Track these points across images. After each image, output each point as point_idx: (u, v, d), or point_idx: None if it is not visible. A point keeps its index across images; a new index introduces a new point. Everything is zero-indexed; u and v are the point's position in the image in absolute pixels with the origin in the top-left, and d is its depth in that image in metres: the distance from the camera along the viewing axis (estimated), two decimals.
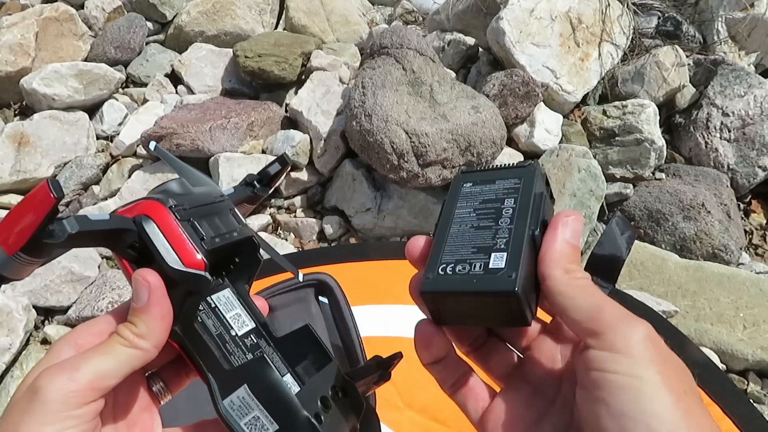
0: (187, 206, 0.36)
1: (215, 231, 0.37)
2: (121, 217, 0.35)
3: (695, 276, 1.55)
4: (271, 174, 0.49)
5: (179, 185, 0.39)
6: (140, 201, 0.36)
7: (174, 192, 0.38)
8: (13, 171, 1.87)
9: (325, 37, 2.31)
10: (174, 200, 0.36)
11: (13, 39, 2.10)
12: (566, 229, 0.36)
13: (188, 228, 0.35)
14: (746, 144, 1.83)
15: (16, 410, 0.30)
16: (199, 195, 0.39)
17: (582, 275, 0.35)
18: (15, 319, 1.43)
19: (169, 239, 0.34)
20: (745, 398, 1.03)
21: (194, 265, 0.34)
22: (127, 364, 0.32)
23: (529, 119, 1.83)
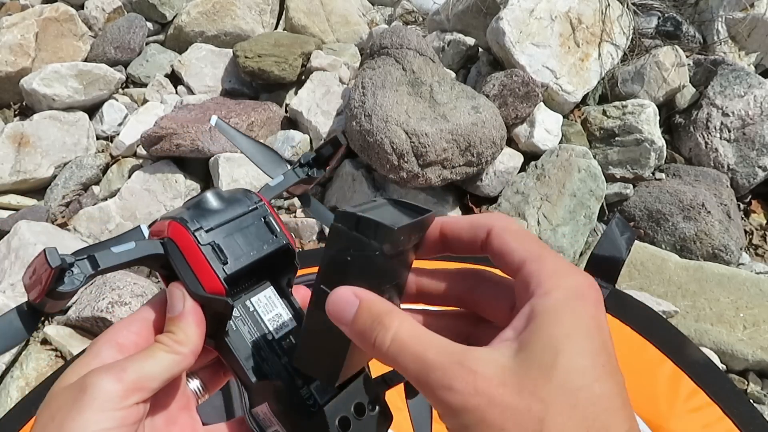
0: (214, 225, 0.36)
1: (241, 250, 0.36)
2: (149, 244, 0.36)
3: (695, 276, 1.55)
4: (325, 156, 0.47)
5: (213, 197, 0.38)
6: (169, 221, 0.36)
7: (204, 208, 0.37)
8: (13, 171, 1.87)
9: (325, 38, 2.31)
10: (200, 221, 0.36)
11: (13, 39, 2.10)
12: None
13: (210, 253, 0.35)
14: (746, 144, 1.83)
15: (60, 406, 0.31)
16: (229, 208, 0.37)
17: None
18: None
19: (191, 265, 0.35)
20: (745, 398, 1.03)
21: (215, 291, 0.35)
22: (169, 369, 0.33)
23: (529, 119, 1.83)
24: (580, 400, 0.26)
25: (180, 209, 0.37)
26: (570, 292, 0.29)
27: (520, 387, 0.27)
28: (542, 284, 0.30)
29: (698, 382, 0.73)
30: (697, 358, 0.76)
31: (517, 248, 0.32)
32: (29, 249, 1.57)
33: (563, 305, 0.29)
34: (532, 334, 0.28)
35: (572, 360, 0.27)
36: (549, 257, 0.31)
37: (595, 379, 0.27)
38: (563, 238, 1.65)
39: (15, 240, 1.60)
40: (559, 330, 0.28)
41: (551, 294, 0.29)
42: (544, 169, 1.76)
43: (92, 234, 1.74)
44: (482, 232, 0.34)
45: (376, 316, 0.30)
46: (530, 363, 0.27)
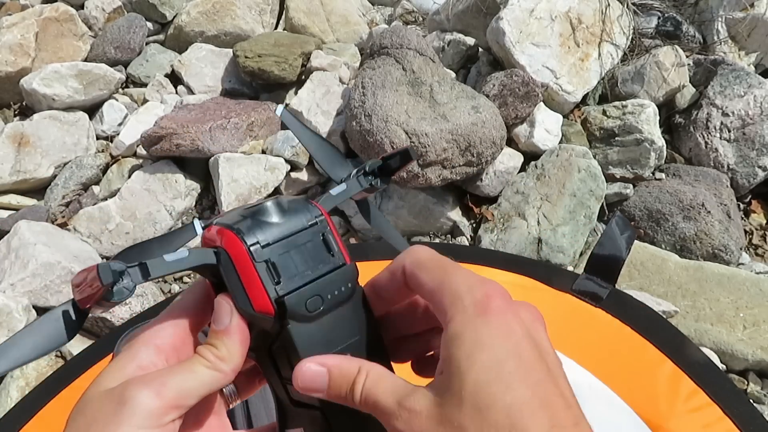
0: (271, 240, 0.34)
1: (296, 269, 0.35)
2: (202, 253, 0.35)
3: (695, 276, 1.55)
4: (393, 167, 0.45)
5: (273, 208, 0.36)
6: (225, 229, 0.35)
7: (262, 219, 0.35)
8: (13, 171, 1.87)
9: (325, 38, 2.31)
10: (257, 234, 0.34)
11: (13, 39, 2.10)
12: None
13: (264, 271, 0.34)
14: (746, 144, 1.83)
15: (97, 416, 0.31)
16: (288, 221, 0.36)
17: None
18: (15, 319, 1.43)
19: (242, 280, 0.34)
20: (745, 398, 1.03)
21: (264, 310, 0.34)
22: (207, 385, 0.33)
23: (529, 119, 1.83)
24: (491, 415, 0.27)
25: (236, 216, 0.36)
26: (470, 312, 0.30)
27: (441, 417, 0.28)
28: (446, 312, 0.31)
29: (698, 382, 0.73)
30: (697, 358, 0.76)
31: (426, 280, 0.33)
32: (29, 249, 1.57)
33: (464, 327, 0.29)
34: (445, 364, 0.29)
35: (477, 378, 0.28)
36: (448, 281, 0.32)
37: (504, 390, 0.27)
38: (563, 238, 1.65)
39: (15, 240, 1.60)
40: (461, 353, 0.29)
41: (454, 320, 0.30)
42: (544, 169, 1.76)
43: (92, 234, 1.74)
44: (399, 275, 0.35)
45: (349, 378, 0.32)
46: (445, 392, 0.29)
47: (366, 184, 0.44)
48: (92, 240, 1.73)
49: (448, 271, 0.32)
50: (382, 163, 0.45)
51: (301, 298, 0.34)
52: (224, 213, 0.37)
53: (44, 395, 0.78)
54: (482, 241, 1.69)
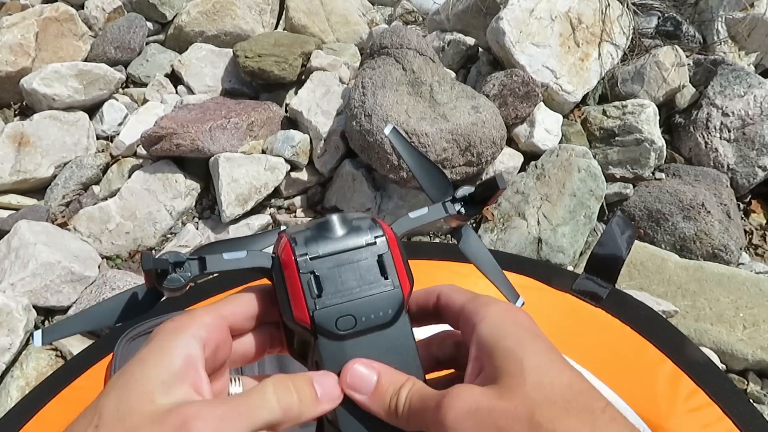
0: (322, 254, 0.34)
1: (342, 286, 0.34)
2: (259, 256, 0.36)
3: (695, 276, 1.55)
4: (482, 196, 0.43)
5: (337, 222, 0.36)
6: (284, 236, 0.36)
7: (322, 232, 0.35)
8: (13, 171, 1.87)
9: (325, 37, 2.31)
10: (310, 245, 0.34)
11: (13, 39, 2.10)
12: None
13: (306, 282, 0.34)
14: (746, 144, 1.83)
15: None
16: (348, 237, 0.35)
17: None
18: (15, 319, 1.43)
19: (287, 288, 0.34)
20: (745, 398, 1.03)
21: (301, 321, 0.34)
22: (265, 423, 0.31)
23: (529, 119, 1.83)
24: (556, 390, 0.29)
25: (302, 226, 0.36)
26: (501, 310, 0.34)
27: (500, 391, 0.30)
28: (478, 314, 0.34)
29: (698, 382, 0.73)
30: (697, 358, 0.76)
31: (457, 298, 0.36)
32: (29, 249, 1.57)
33: (503, 320, 0.33)
34: (490, 351, 0.32)
35: (535, 360, 0.31)
36: (480, 296, 0.36)
37: (559, 371, 0.31)
38: (563, 238, 1.65)
39: (15, 240, 1.60)
40: (510, 340, 0.32)
41: (489, 316, 0.33)
42: (544, 169, 1.76)
43: (92, 234, 1.74)
44: (433, 296, 0.38)
45: (395, 386, 0.33)
46: (500, 372, 0.31)
47: (453, 211, 0.43)
48: (92, 240, 1.74)
49: (472, 293, 0.37)
50: (474, 190, 0.43)
51: (333, 316, 0.34)
52: (305, 223, 0.38)
53: (44, 395, 0.78)
54: (482, 241, 1.69)
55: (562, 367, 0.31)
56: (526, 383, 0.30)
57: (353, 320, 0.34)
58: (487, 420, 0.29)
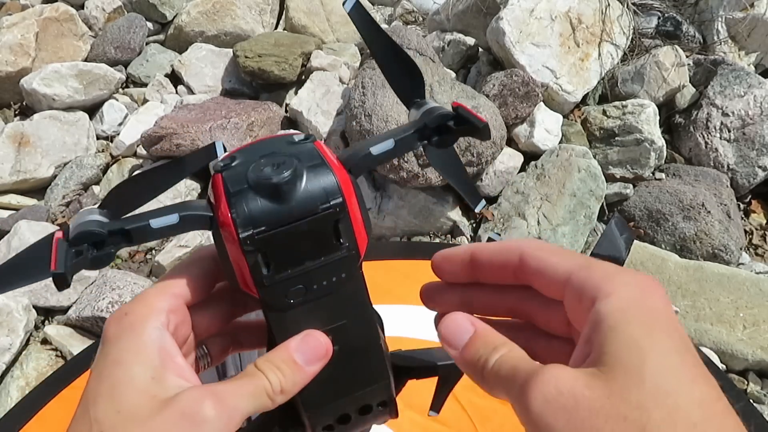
0: (269, 228, 0.30)
1: (290, 257, 0.31)
2: (195, 219, 0.31)
3: (695, 276, 1.55)
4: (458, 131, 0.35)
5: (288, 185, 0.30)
6: (223, 199, 0.30)
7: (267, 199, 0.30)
8: (13, 171, 1.87)
9: (325, 37, 2.31)
10: (254, 217, 0.30)
11: (13, 39, 2.10)
12: None
13: (254, 261, 0.30)
14: (746, 144, 1.83)
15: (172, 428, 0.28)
16: (298, 207, 0.30)
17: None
18: (15, 319, 1.43)
19: (231, 262, 0.31)
20: (745, 398, 1.03)
21: (248, 291, 0.32)
22: (257, 409, 0.31)
23: (529, 119, 1.83)
24: (680, 403, 0.24)
25: (243, 178, 0.31)
26: (633, 290, 0.27)
27: (609, 391, 0.24)
28: (601, 288, 0.27)
29: None
30: None
31: (558, 262, 0.30)
32: None
33: (632, 304, 0.26)
34: (608, 338, 0.26)
35: (661, 360, 0.25)
36: (595, 263, 0.29)
37: (691, 380, 0.24)
38: (563, 238, 1.65)
39: (15, 240, 1.60)
40: (636, 330, 0.25)
41: (614, 294, 0.27)
42: (544, 169, 1.76)
43: None
44: (514, 256, 0.31)
45: (490, 345, 0.30)
46: (614, 367, 0.25)
47: (419, 146, 0.35)
48: None
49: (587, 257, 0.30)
50: (449, 119, 0.35)
51: (282, 290, 0.31)
52: (247, 147, 0.33)
53: (44, 395, 0.78)
54: (482, 241, 1.69)
55: (695, 375, 0.25)
56: (645, 387, 0.24)
57: (304, 290, 0.31)
58: (585, 421, 0.24)
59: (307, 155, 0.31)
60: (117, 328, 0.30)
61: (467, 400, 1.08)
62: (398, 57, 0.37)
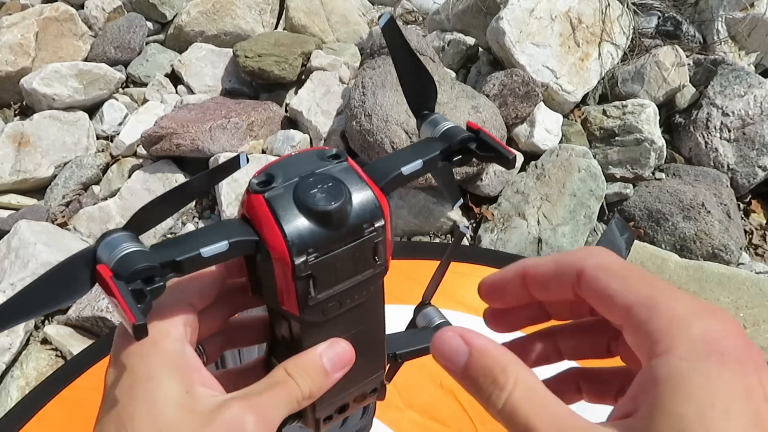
0: (320, 255, 0.30)
1: (334, 280, 0.31)
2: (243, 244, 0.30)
3: (695, 276, 1.55)
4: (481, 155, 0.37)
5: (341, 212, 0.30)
6: (275, 227, 0.29)
7: (316, 227, 0.30)
8: (13, 171, 1.87)
9: (325, 37, 2.31)
10: (308, 248, 0.29)
11: (13, 39, 2.10)
12: None
13: (304, 285, 0.30)
14: (746, 144, 1.83)
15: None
16: (347, 234, 0.31)
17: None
18: None
19: (277, 283, 0.31)
20: None
21: (290, 311, 0.32)
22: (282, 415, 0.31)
23: (529, 119, 1.83)
24: None
25: (291, 202, 0.31)
26: (699, 348, 0.22)
27: None
28: (659, 340, 0.23)
29: None
30: None
31: (620, 290, 0.26)
32: (29, 249, 1.57)
33: (691, 368, 0.22)
34: (655, 412, 0.22)
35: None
36: (664, 299, 0.24)
37: None
38: (563, 238, 1.65)
39: (15, 240, 1.60)
40: (688, 407, 0.21)
41: (672, 352, 0.23)
42: (544, 169, 1.76)
43: (92, 234, 1.74)
44: (571, 273, 0.28)
45: (490, 372, 0.26)
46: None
47: (440, 165, 0.37)
48: (92, 240, 1.74)
49: (654, 284, 0.25)
50: (472, 142, 0.37)
51: (321, 307, 0.32)
52: (280, 164, 0.32)
53: (44, 395, 0.78)
54: (482, 241, 1.69)
55: None
56: None
57: (338, 305, 0.32)
58: None
59: (348, 176, 0.31)
60: (138, 346, 0.29)
61: (467, 400, 1.08)
62: (419, 70, 0.38)
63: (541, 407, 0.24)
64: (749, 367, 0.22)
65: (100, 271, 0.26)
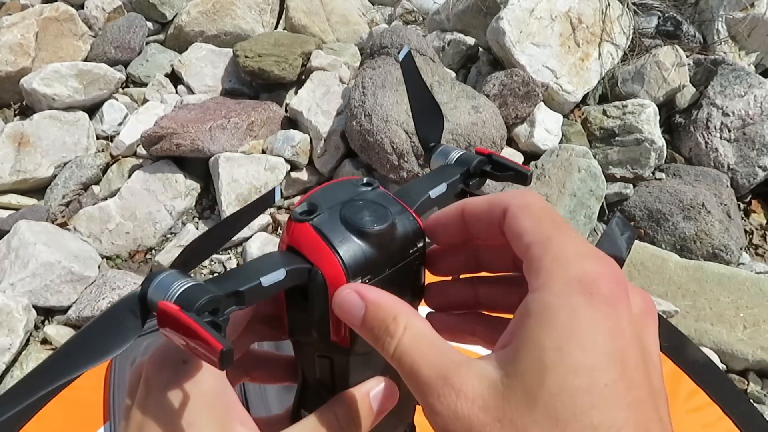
0: (373, 278, 0.30)
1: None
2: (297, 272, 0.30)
3: (695, 276, 1.55)
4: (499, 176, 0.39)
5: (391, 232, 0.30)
6: (331, 253, 0.29)
7: (370, 252, 0.30)
8: (13, 171, 1.87)
9: (325, 37, 2.31)
10: (362, 271, 0.29)
11: (13, 39, 2.10)
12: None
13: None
14: (746, 144, 1.83)
15: None
16: (396, 254, 0.31)
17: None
18: (15, 319, 1.43)
19: (330, 312, 0.30)
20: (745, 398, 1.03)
21: (340, 342, 0.32)
22: None
23: (529, 119, 1.83)
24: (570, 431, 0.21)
25: (343, 230, 0.31)
26: (572, 285, 0.23)
27: (502, 414, 0.22)
28: (540, 274, 0.24)
29: (698, 382, 0.73)
30: (697, 358, 0.76)
31: (528, 229, 0.27)
32: (29, 249, 1.57)
33: (560, 304, 0.23)
34: (522, 343, 0.23)
35: (562, 380, 0.22)
36: (557, 239, 0.25)
37: (593, 404, 0.22)
38: None
39: (15, 240, 1.60)
40: (549, 338, 0.22)
41: (547, 287, 0.24)
42: (544, 169, 1.76)
43: (92, 233, 1.74)
44: (499, 209, 0.29)
45: (383, 322, 0.27)
46: (515, 382, 0.23)
47: (459, 189, 0.39)
48: (92, 240, 1.73)
49: (560, 227, 0.26)
50: (487, 165, 0.38)
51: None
52: (318, 194, 0.32)
53: (44, 395, 0.78)
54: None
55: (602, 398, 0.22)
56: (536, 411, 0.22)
57: None
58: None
59: (386, 201, 0.32)
60: (174, 376, 0.28)
61: None
62: (431, 105, 0.40)
63: (427, 349, 0.26)
64: (620, 309, 0.23)
65: (166, 308, 0.25)
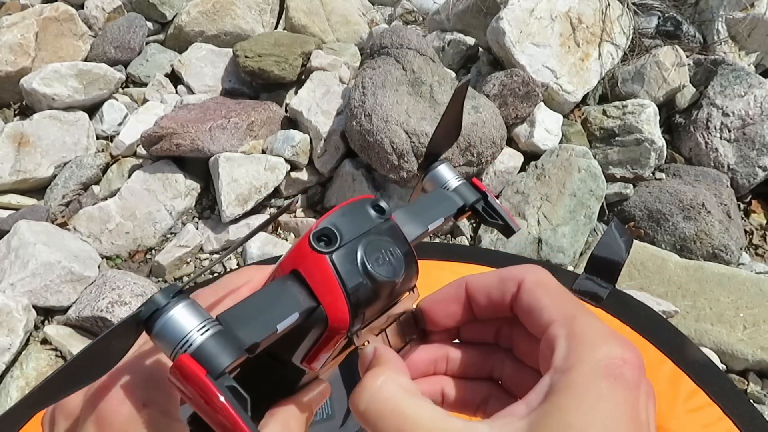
0: (370, 318, 0.30)
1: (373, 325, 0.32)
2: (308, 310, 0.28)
3: (695, 276, 1.55)
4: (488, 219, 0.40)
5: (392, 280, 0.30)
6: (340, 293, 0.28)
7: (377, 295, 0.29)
8: (13, 171, 1.87)
9: (325, 37, 2.31)
10: (361, 314, 0.29)
11: (13, 39, 2.10)
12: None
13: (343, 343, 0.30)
14: (746, 144, 1.83)
15: None
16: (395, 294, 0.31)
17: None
18: (15, 319, 1.43)
19: (320, 344, 0.29)
20: (745, 398, 1.03)
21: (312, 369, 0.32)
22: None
23: (529, 119, 1.83)
24: None
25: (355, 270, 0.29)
26: (599, 369, 0.24)
27: None
28: (567, 355, 0.25)
29: (698, 382, 0.73)
30: (697, 358, 0.76)
31: (547, 306, 0.28)
32: (29, 249, 1.57)
33: (588, 385, 0.24)
34: (546, 417, 0.24)
35: None
36: (581, 320, 0.26)
37: None
38: (563, 238, 1.65)
39: (15, 240, 1.60)
40: (576, 418, 0.23)
41: (575, 368, 0.25)
42: (544, 169, 1.76)
43: (92, 234, 1.74)
44: (512, 285, 0.30)
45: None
46: None
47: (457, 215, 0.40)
48: (92, 240, 1.74)
49: (578, 307, 0.28)
50: (480, 202, 0.40)
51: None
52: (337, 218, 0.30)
53: (45, 395, 0.78)
54: (482, 241, 1.69)
55: None
56: None
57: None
58: None
59: (397, 239, 0.32)
60: (135, 423, 0.26)
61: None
62: (456, 128, 0.42)
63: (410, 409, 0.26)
64: (639, 395, 0.25)
65: (190, 368, 0.22)
